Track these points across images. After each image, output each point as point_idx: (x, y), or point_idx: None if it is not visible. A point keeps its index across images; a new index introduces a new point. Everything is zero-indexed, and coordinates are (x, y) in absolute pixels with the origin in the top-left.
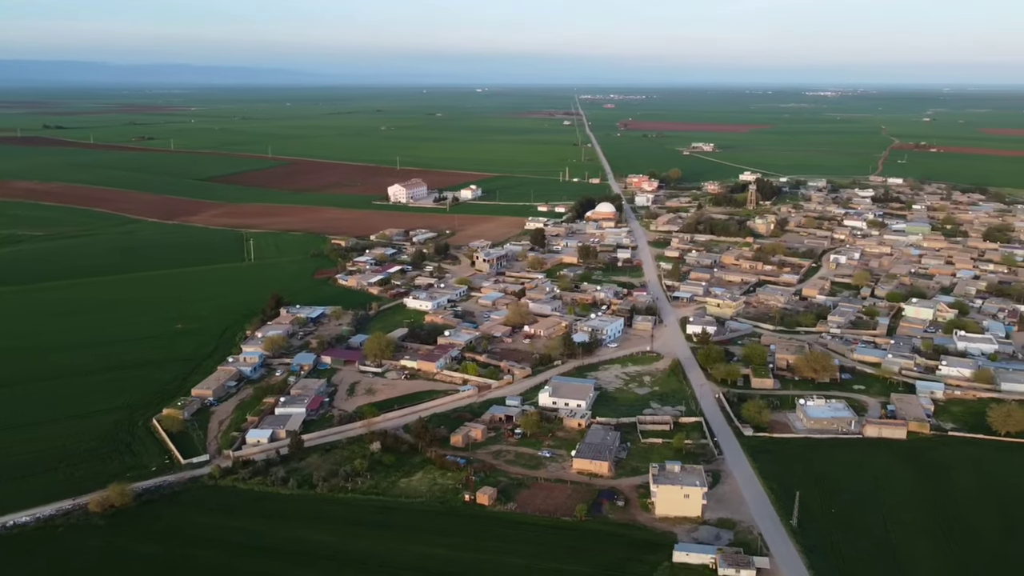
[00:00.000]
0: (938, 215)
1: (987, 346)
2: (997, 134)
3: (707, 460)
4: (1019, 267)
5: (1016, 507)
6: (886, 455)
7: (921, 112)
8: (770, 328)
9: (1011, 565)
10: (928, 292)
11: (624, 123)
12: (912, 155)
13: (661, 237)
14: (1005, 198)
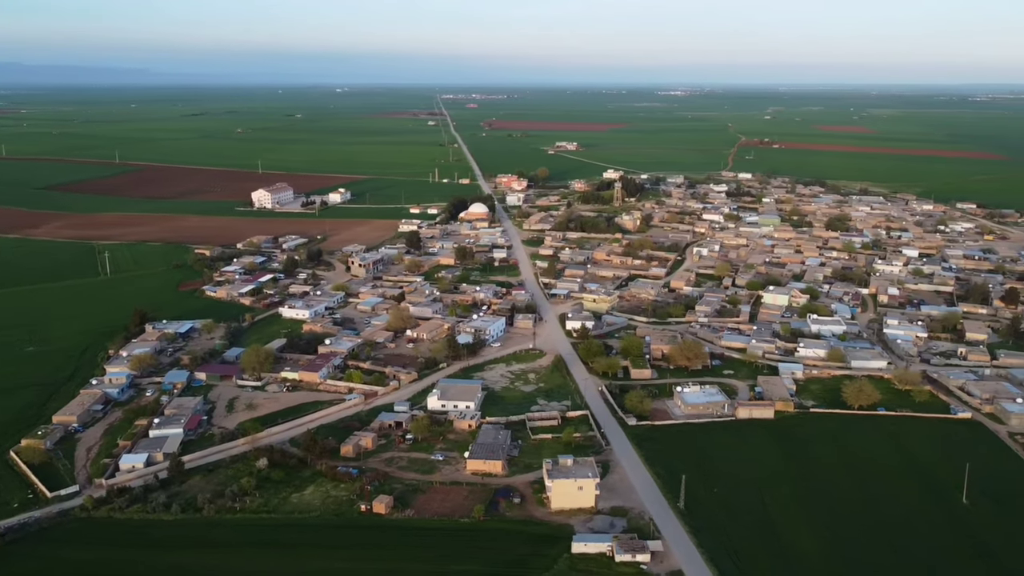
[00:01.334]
0: (785, 207)
1: (837, 327)
2: (829, 130)
3: (596, 452)
4: (858, 253)
5: (871, 474)
6: (758, 434)
7: (762, 110)
8: (644, 320)
9: (870, 528)
10: (782, 280)
11: (488, 123)
12: (758, 151)
13: (534, 236)
14: (841, 190)
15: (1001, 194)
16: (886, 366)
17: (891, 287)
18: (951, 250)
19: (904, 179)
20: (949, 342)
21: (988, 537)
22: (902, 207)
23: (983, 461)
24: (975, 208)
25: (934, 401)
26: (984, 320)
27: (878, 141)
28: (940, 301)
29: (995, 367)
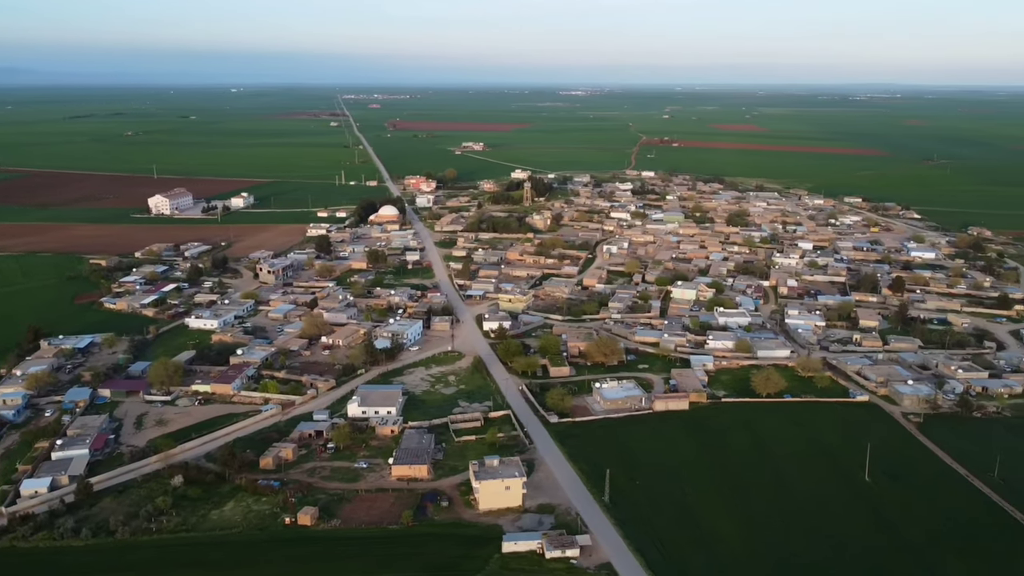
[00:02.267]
0: (688, 204)
1: (742, 319)
2: (724, 129)
3: (520, 451)
4: (758, 247)
5: (781, 458)
6: (674, 425)
7: (660, 110)
8: (559, 318)
9: (783, 509)
10: (689, 275)
11: (392, 123)
12: (659, 150)
13: (446, 237)
14: (739, 186)
15: (883, 188)
16: (789, 355)
17: (790, 279)
18: (842, 242)
19: (795, 175)
20: (845, 329)
21: (889, 511)
22: (795, 202)
23: (881, 440)
24: (861, 202)
25: (834, 386)
26: (875, 308)
27: (769, 139)
28: (834, 291)
29: (887, 351)
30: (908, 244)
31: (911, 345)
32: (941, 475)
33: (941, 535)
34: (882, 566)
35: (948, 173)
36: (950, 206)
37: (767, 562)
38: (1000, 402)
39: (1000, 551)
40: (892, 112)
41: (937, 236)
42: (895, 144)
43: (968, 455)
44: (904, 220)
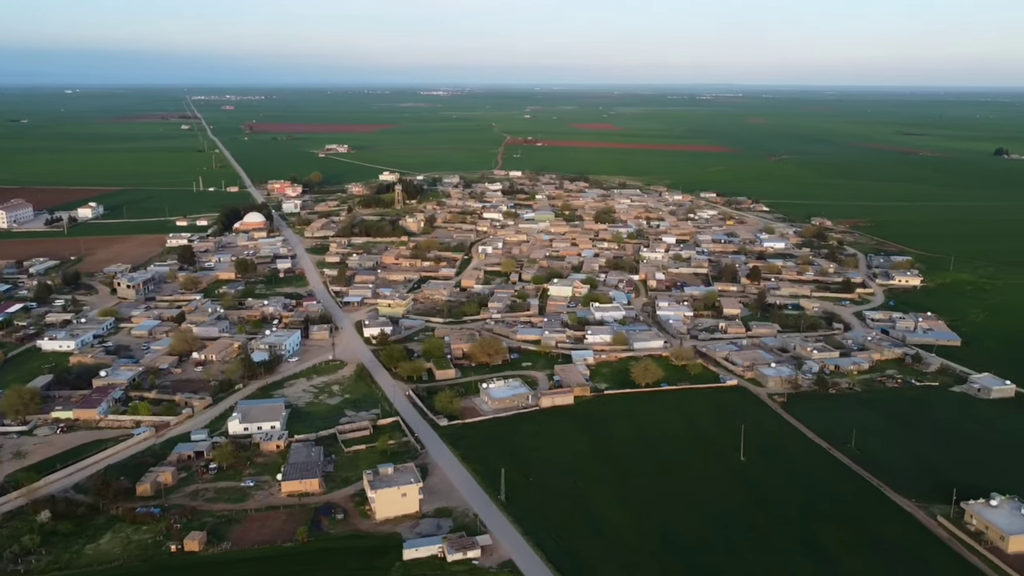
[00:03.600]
0: (557, 203)
1: (617, 313)
2: (584, 128)
3: (413, 457)
4: (626, 243)
5: (663, 444)
6: (562, 420)
7: (522, 110)
8: (440, 321)
9: (669, 492)
10: (563, 272)
11: (249, 125)
12: (524, 149)
13: (318, 243)
14: (603, 184)
15: (734, 183)
16: (663, 345)
17: (658, 272)
18: (702, 236)
19: (654, 172)
20: (711, 318)
21: (763, 487)
22: (657, 198)
23: (752, 421)
24: (716, 197)
25: (706, 373)
26: (736, 296)
27: (627, 137)
28: (699, 282)
29: (750, 337)
30: (761, 235)
31: (771, 330)
32: (806, 450)
33: (811, 506)
34: (762, 540)
35: (791, 167)
36: (795, 199)
37: (656, 544)
38: (851, 378)
39: (864, 516)
40: (735, 111)
41: (785, 227)
42: (741, 141)
43: (828, 430)
44: (755, 213)
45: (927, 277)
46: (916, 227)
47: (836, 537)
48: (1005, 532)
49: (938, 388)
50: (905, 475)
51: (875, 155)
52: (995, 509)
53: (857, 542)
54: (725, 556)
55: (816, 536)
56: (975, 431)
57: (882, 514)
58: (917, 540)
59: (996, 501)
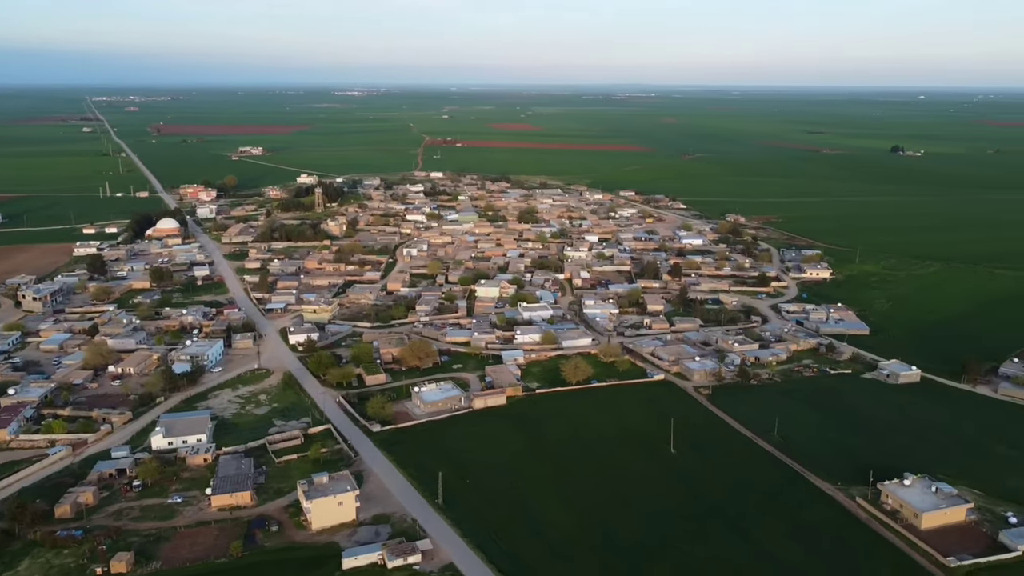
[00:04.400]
0: (480, 203)
1: (545, 312)
2: (502, 128)
3: (347, 464)
4: (550, 242)
5: (596, 440)
6: (496, 421)
7: (439, 110)
8: (368, 325)
9: (604, 487)
10: (490, 273)
11: (156, 127)
12: (443, 150)
13: (237, 249)
14: (524, 184)
15: (651, 182)
16: (591, 343)
17: (582, 271)
18: (623, 234)
19: (573, 171)
20: (636, 315)
21: (694, 479)
22: (578, 197)
23: (680, 414)
24: (635, 195)
25: (634, 368)
26: (659, 293)
27: (545, 137)
28: (622, 279)
29: (674, 332)
30: (679, 232)
31: (693, 325)
32: (733, 440)
33: (741, 494)
34: (696, 530)
35: (704, 166)
36: (709, 196)
37: (595, 540)
38: (771, 369)
39: (789, 501)
40: (649, 110)
41: (702, 224)
42: (656, 140)
43: (752, 420)
44: (673, 210)
45: (835, 269)
46: (823, 222)
47: (765, 523)
48: (918, 510)
49: (851, 375)
50: (825, 460)
51: (782, 153)
52: (908, 488)
53: (785, 527)
54: (662, 548)
55: (747, 523)
56: (887, 415)
57: (806, 499)
58: (839, 522)
59: (909, 481)
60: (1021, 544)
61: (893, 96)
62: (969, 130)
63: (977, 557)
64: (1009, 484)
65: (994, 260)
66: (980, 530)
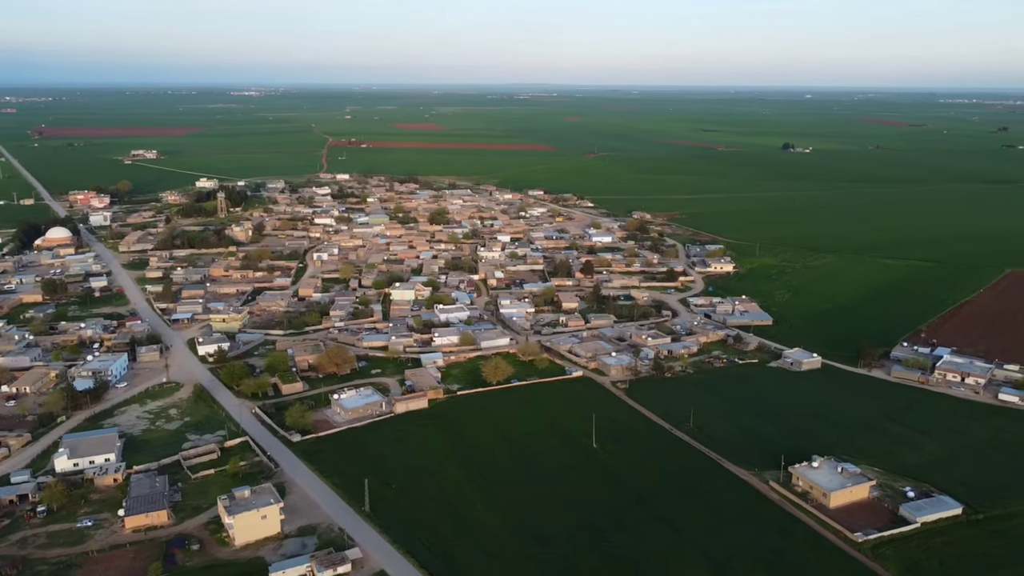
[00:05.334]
0: (389, 205)
1: (462, 314)
2: (407, 128)
3: (267, 476)
4: (462, 243)
5: (520, 439)
6: (418, 424)
7: (341, 110)
8: (281, 333)
9: (531, 484)
10: (404, 275)
11: (38, 130)
12: (348, 151)
13: (136, 258)
14: (433, 185)
15: (557, 180)
16: (509, 342)
17: (496, 271)
18: (534, 233)
19: (481, 171)
20: (551, 313)
21: (618, 471)
22: (488, 197)
23: (600, 409)
24: (543, 194)
25: (553, 366)
26: (572, 290)
27: (451, 137)
28: (536, 278)
29: (589, 329)
30: (589, 231)
31: (607, 321)
32: (651, 432)
33: (662, 483)
34: (622, 521)
35: (608, 164)
36: (615, 194)
37: (525, 537)
38: (683, 362)
39: (707, 488)
40: (552, 110)
41: (610, 222)
42: (560, 139)
43: (668, 411)
44: (581, 209)
45: (738, 263)
46: (723, 217)
47: (687, 510)
48: (826, 490)
49: (758, 365)
50: (739, 447)
51: (680, 151)
52: (816, 470)
53: (705, 513)
54: (591, 541)
55: (670, 512)
56: (793, 401)
57: (724, 485)
58: (754, 505)
59: (817, 463)
60: (919, 516)
61: (781, 95)
62: (852, 127)
63: (881, 531)
64: (905, 460)
65: (880, 250)
66: (883, 505)
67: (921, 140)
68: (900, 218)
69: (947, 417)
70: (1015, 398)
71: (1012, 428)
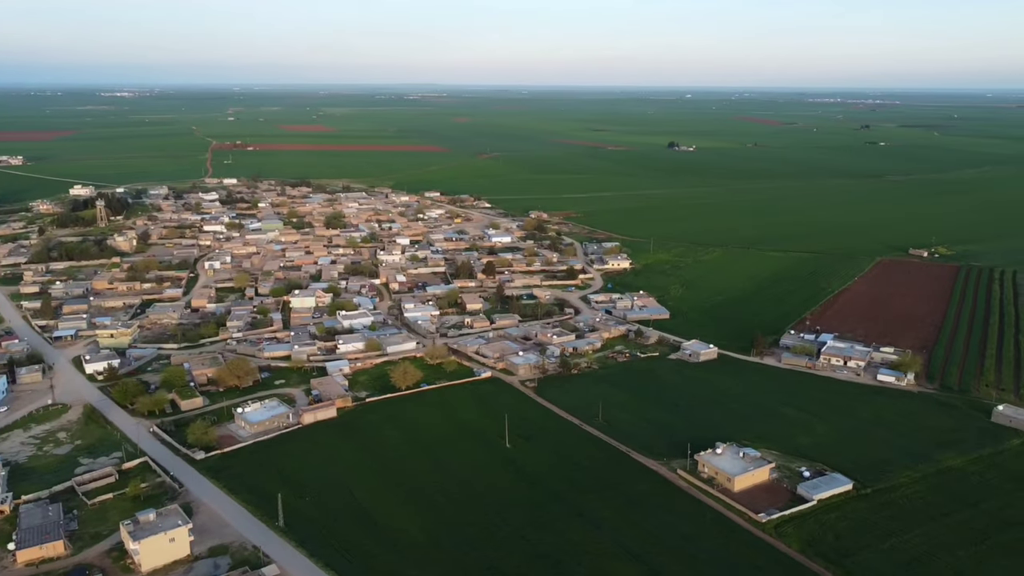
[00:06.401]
0: (282, 210)
1: (365, 319)
2: (295, 130)
3: (172, 497)
4: (361, 247)
5: (433, 443)
6: (328, 434)
7: (223, 111)
8: (175, 347)
9: (448, 488)
10: (303, 282)
11: None
12: (234, 155)
13: (8, 272)
14: (327, 188)
15: (452, 181)
16: (416, 346)
17: (398, 274)
18: (434, 235)
19: (374, 173)
20: (456, 315)
21: (532, 469)
22: (384, 200)
23: (511, 409)
24: (440, 195)
25: (461, 368)
26: (475, 292)
27: (342, 139)
28: (438, 281)
29: (495, 329)
30: (488, 231)
31: (512, 321)
32: (562, 428)
33: (575, 479)
34: (539, 518)
35: (501, 164)
36: (511, 194)
37: (446, 540)
38: (588, 358)
39: (619, 480)
40: (442, 110)
41: (508, 222)
42: (451, 140)
43: (577, 407)
44: (479, 210)
45: (634, 259)
46: (617, 215)
47: (601, 503)
48: (730, 475)
49: (659, 358)
50: (647, 438)
51: (571, 150)
52: (720, 457)
53: (619, 504)
54: (510, 540)
55: (585, 506)
56: (694, 391)
57: (634, 476)
58: (664, 493)
59: (720, 449)
60: (815, 494)
61: (663, 95)
62: (731, 126)
63: (782, 510)
64: (799, 442)
65: (764, 243)
66: (782, 486)
67: (794, 137)
68: (780, 212)
69: (834, 399)
70: (891, 378)
71: (891, 406)
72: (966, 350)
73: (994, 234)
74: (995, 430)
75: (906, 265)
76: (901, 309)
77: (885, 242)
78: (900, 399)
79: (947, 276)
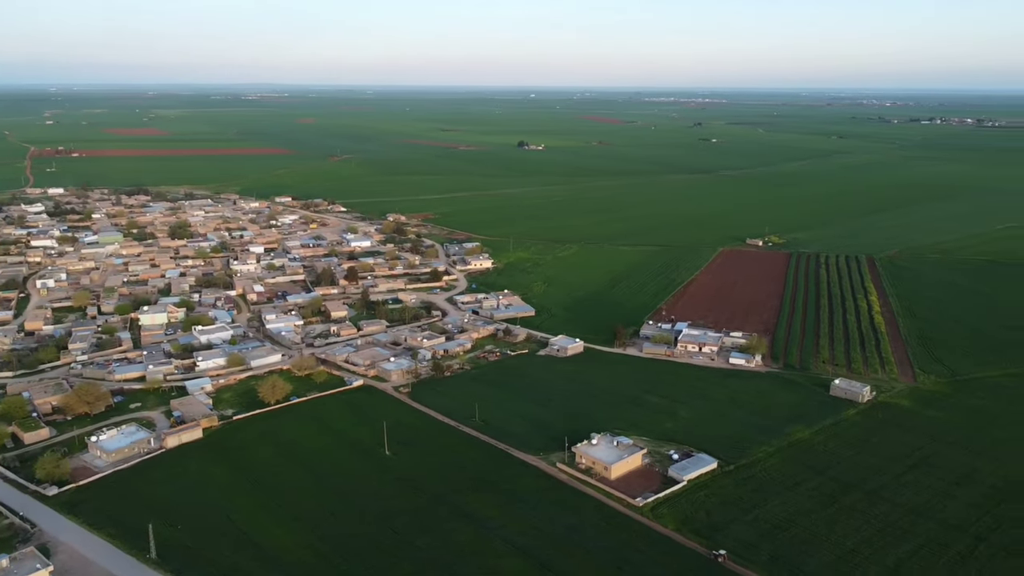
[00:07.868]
0: (120, 221)
1: (224, 333)
2: (124, 134)
3: (24, 540)
4: (212, 257)
5: (310, 457)
6: (196, 457)
7: (39, 114)
8: (11, 375)
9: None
10: (151, 298)
11: None
12: (58, 161)
13: None
14: (167, 196)
15: (303, 185)
16: (282, 358)
17: (255, 284)
18: (289, 242)
19: (218, 179)
20: (321, 323)
21: (412, 474)
22: (232, 207)
23: (387, 416)
24: (292, 200)
25: (332, 378)
26: (339, 299)
27: (177, 143)
28: (299, 289)
29: (362, 336)
30: (346, 236)
31: (380, 326)
32: (440, 431)
33: (457, 480)
34: (424, 522)
35: (352, 167)
36: (365, 197)
37: (331, 554)
38: (460, 359)
39: (501, 477)
40: (284, 111)
41: (366, 225)
42: (297, 142)
43: (453, 409)
44: (335, 214)
45: (495, 259)
46: (474, 215)
47: (485, 502)
48: (606, 463)
49: (528, 355)
50: (524, 434)
51: (423, 151)
52: (596, 447)
53: (503, 501)
54: (397, 547)
55: (468, 505)
56: (565, 385)
57: (516, 472)
58: (546, 486)
59: (596, 440)
60: (685, 475)
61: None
62: (575, 124)
63: (657, 493)
64: (666, 427)
65: (617, 238)
66: (654, 470)
67: (635, 136)
68: (628, 207)
69: (692, 384)
70: (742, 361)
71: (744, 387)
72: (803, 330)
73: (819, 222)
74: (833, 402)
75: (745, 254)
76: (744, 295)
77: (725, 233)
78: (751, 380)
79: (781, 262)
